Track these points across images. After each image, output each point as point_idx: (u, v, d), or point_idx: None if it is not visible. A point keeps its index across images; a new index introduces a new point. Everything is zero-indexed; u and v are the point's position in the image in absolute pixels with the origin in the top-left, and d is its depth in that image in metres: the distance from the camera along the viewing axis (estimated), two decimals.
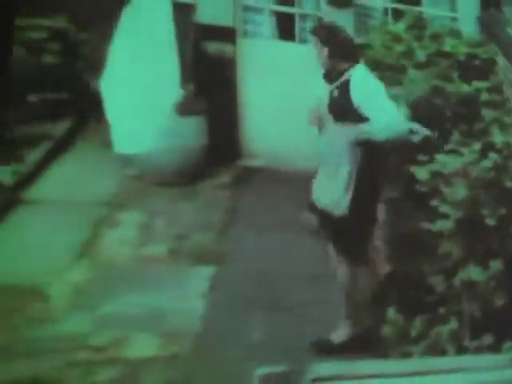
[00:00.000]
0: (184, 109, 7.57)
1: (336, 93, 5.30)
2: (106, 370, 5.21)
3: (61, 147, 8.24)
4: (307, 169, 5.73)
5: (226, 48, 7.91)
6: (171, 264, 6.34)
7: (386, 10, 7.83)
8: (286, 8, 8.01)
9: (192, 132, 7.61)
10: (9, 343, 5.42)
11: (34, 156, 7.96)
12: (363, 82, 5.26)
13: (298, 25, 7.96)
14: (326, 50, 5.29)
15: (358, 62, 5.35)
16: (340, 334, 5.35)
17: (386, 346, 4.75)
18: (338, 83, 5.30)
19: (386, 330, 4.79)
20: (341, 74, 5.30)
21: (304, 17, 7.98)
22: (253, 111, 7.95)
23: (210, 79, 7.75)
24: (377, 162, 5.29)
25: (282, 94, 7.69)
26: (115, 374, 5.18)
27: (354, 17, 7.75)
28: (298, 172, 6.78)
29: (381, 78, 5.77)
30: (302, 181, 5.61)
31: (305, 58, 7.00)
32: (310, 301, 5.70)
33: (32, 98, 8.62)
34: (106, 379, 5.14)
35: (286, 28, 8.01)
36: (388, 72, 6.06)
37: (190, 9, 8.02)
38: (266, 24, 8.00)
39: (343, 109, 5.25)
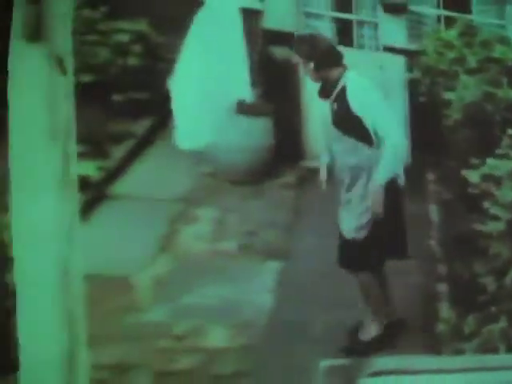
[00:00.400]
0: (253, 110, 7.47)
1: (335, 106, 4.84)
2: (185, 357, 5.18)
3: (142, 145, 8.19)
4: None
5: (291, 52, 7.77)
6: (242, 259, 6.27)
7: (438, 18, 7.60)
8: (345, 15, 7.83)
9: (260, 132, 7.49)
10: (98, 330, 5.41)
11: (118, 153, 7.90)
12: (361, 91, 4.79)
13: (355, 31, 7.78)
14: (311, 64, 4.85)
15: (344, 66, 4.86)
16: (367, 332, 5.09)
17: (439, 342, 4.63)
18: (334, 96, 4.85)
19: (440, 327, 4.67)
20: (334, 85, 4.83)
21: (361, 23, 7.79)
22: (315, 113, 7.80)
23: (276, 82, 7.61)
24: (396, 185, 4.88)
25: None
26: (193, 362, 5.15)
27: (407, 23, 7.52)
28: None
29: (434, 83, 5.61)
30: None
31: (362, 63, 6.83)
32: None
33: (117, 97, 8.57)
34: (185, 367, 5.11)
35: (344, 34, 7.83)
36: (441, 77, 5.90)
37: (257, 15, 7.90)
38: (326, 30, 7.81)
39: (346, 120, 4.80)
